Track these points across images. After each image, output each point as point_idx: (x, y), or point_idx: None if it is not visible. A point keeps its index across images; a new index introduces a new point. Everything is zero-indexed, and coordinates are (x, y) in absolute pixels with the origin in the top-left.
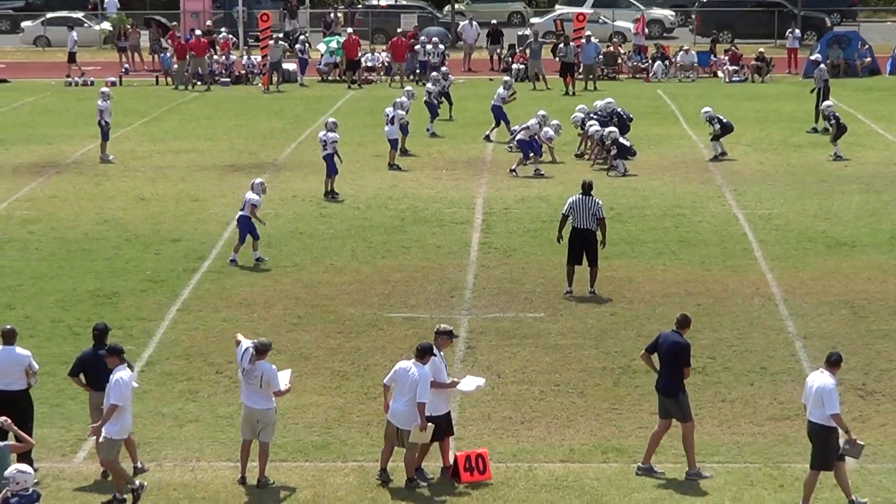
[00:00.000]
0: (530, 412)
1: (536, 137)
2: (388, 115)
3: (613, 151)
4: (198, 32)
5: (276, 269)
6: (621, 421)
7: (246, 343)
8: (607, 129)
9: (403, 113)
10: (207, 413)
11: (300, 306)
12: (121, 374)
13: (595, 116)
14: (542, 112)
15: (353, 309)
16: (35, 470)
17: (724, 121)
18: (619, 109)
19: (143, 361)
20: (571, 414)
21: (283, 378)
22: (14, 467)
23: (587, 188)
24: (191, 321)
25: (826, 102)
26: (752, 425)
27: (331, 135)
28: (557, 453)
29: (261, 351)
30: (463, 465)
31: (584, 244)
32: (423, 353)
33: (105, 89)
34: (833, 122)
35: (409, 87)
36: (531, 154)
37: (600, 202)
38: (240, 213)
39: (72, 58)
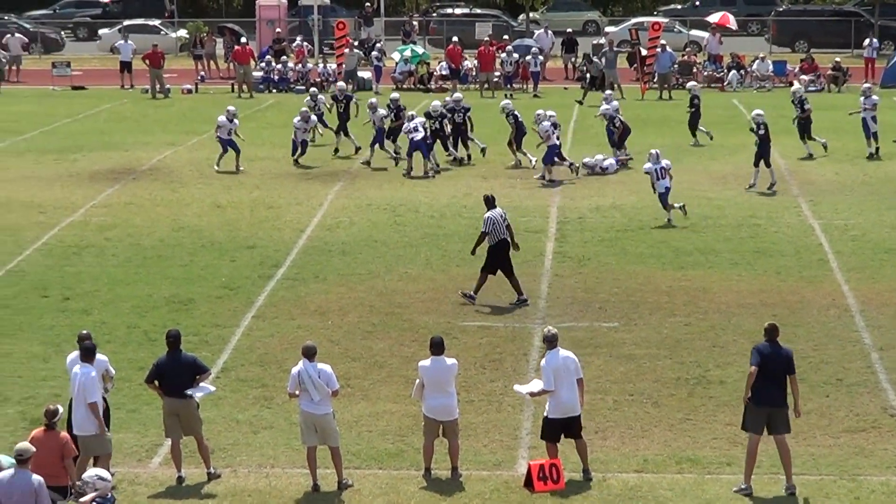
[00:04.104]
0: (604, 422)
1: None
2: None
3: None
4: (243, 40)
5: (350, 277)
6: (695, 431)
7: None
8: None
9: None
10: (282, 420)
11: (374, 314)
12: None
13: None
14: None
15: (427, 317)
16: (112, 475)
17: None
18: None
19: (219, 368)
20: (645, 424)
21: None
22: (94, 472)
23: (491, 202)
24: (265, 328)
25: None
26: (827, 437)
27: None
28: (631, 463)
29: (309, 354)
30: (536, 474)
31: (505, 254)
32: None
33: (231, 108)
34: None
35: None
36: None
37: (503, 211)
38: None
39: (126, 67)
